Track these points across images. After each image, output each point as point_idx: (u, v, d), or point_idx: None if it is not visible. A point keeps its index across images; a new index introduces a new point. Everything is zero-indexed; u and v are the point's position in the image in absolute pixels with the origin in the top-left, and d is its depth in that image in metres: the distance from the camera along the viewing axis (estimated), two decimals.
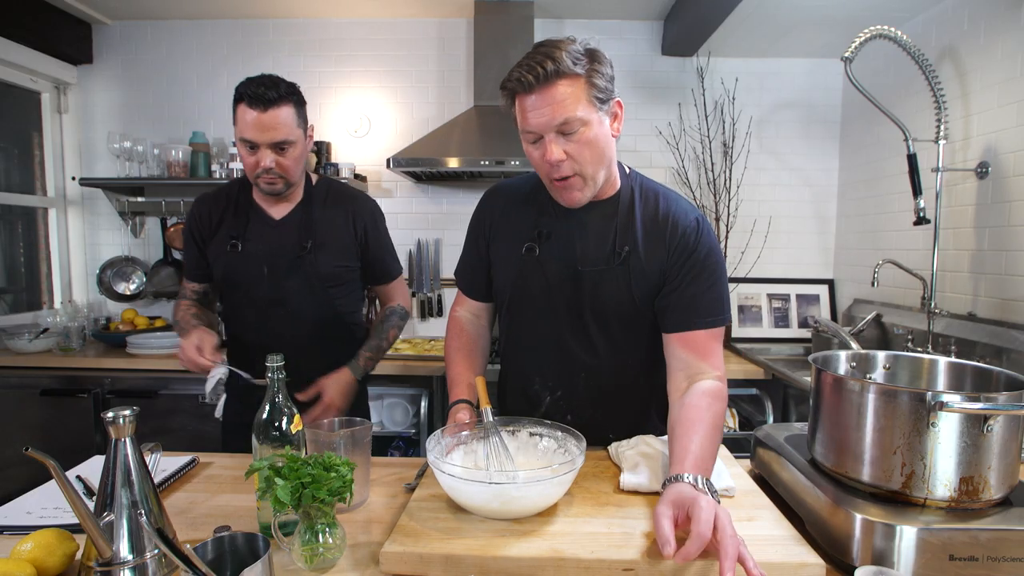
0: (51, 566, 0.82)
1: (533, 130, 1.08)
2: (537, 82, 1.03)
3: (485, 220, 1.33)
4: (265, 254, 1.58)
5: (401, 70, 3.01)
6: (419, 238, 3.04)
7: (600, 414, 1.29)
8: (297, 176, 1.56)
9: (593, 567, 0.84)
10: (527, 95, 1.06)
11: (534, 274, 1.23)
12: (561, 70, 1.03)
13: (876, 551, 0.82)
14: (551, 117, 1.05)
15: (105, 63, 3.04)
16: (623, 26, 2.96)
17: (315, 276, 1.59)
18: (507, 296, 1.28)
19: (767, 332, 2.95)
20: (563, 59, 1.03)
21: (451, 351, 1.35)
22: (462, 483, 0.93)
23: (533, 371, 1.30)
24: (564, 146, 1.08)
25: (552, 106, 1.04)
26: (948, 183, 2.16)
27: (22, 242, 3.03)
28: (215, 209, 1.63)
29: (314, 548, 0.86)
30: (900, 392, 0.87)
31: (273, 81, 1.46)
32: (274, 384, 0.98)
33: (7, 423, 2.48)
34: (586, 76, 1.05)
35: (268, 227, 1.60)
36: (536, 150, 1.11)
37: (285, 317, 1.59)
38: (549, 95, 1.04)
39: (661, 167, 2.99)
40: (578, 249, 1.21)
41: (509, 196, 1.32)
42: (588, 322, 1.23)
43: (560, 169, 1.09)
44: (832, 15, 2.39)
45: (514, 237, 1.26)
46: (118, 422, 0.78)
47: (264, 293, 1.59)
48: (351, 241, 1.64)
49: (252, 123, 1.44)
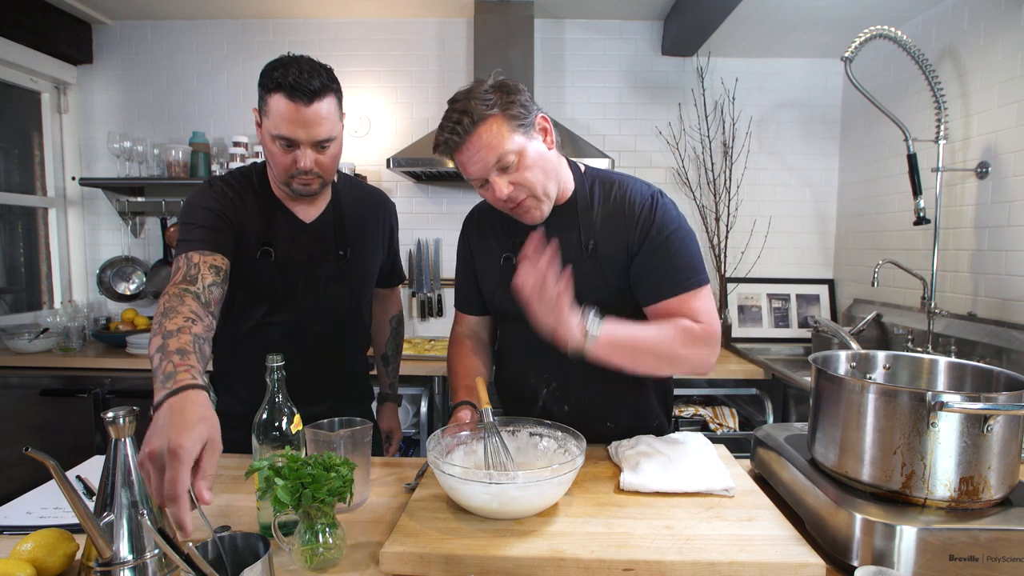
0: (51, 566, 0.82)
1: (476, 177, 1.16)
2: (460, 138, 1.12)
3: (468, 239, 1.43)
4: (302, 263, 1.37)
5: (401, 70, 3.01)
6: (419, 238, 3.04)
7: (597, 401, 1.33)
8: (334, 174, 1.35)
9: (593, 567, 0.84)
10: (458, 152, 1.14)
11: None
12: (475, 119, 1.10)
13: (876, 551, 0.82)
14: (485, 161, 1.13)
15: (105, 63, 3.04)
16: (623, 26, 2.96)
17: (355, 286, 1.44)
18: (494, 304, 1.37)
19: (767, 332, 2.96)
20: (475, 108, 1.10)
21: (453, 361, 1.40)
22: (462, 483, 0.93)
23: (527, 367, 1.35)
24: (508, 179, 1.15)
25: (481, 152, 1.12)
26: (948, 183, 2.16)
27: (22, 242, 3.03)
28: (243, 197, 1.34)
29: (314, 548, 0.86)
30: (900, 392, 0.87)
31: (313, 67, 1.22)
32: (274, 384, 0.98)
33: (7, 423, 2.48)
34: (501, 111, 1.12)
35: (299, 231, 1.38)
36: (486, 192, 1.19)
37: (308, 335, 1.40)
38: (475, 145, 1.12)
39: (661, 167, 2.99)
40: None
41: (482, 214, 1.42)
42: None
43: (512, 199, 1.17)
44: (832, 15, 2.39)
45: (492, 249, 1.35)
46: (118, 422, 0.78)
47: (295, 309, 1.38)
48: (380, 244, 1.52)
49: (293, 118, 1.20)
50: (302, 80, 1.19)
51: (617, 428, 1.33)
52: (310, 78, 1.20)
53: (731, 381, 2.50)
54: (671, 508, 0.99)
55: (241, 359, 1.40)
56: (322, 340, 1.42)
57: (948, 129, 2.06)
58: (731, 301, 2.97)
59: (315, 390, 1.41)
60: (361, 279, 1.47)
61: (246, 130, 2.98)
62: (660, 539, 0.89)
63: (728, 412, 2.48)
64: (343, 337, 1.48)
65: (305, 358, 1.33)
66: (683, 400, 2.55)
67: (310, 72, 1.20)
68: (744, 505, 1.01)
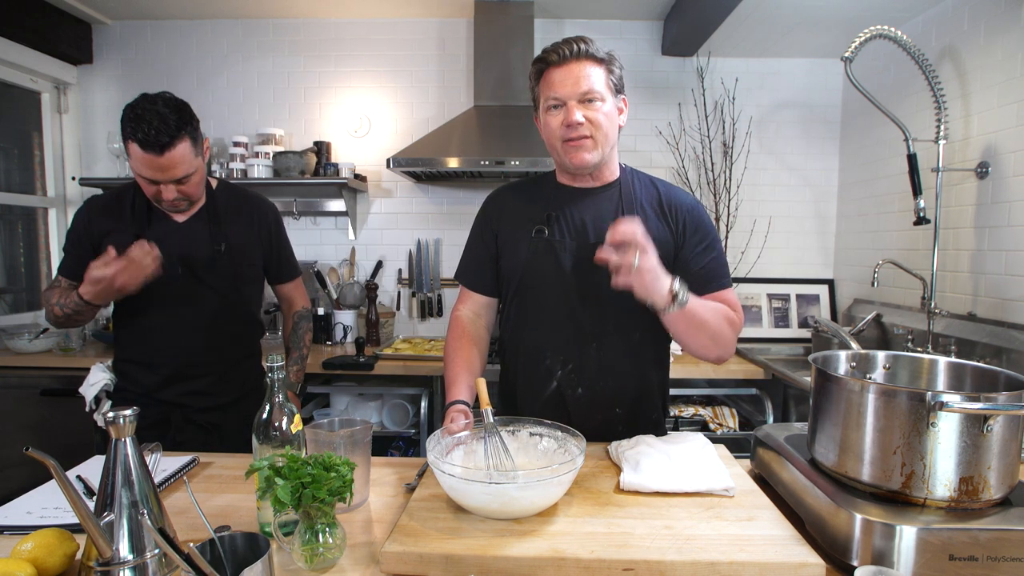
0: (51, 566, 0.82)
1: (559, 96, 1.24)
2: (570, 55, 1.23)
3: (492, 215, 1.44)
4: (179, 255, 1.57)
5: (401, 70, 3.01)
6: (419, 238, 3.04)
7: (610, 385, 1.35)
8: (200, 193, 1.59)
9: (593, 567, 0.84)
10: (557, 67, 1.24)
11: (546, 254, 1.33)
12: (590, 52, 1.23)
13: (876, 551, 0.82)
14: (577, 85, 1.22)
15: (105, 63, 3.04)
16: (623, 26, 2.96)
17: (232, 275, 1.64)
18: (518, 278, 1.37)
19: (767, 332, 2.95)
20: (592, 44, 1.24)
21: (451, 351, 1.39)
22: (462, 483, 0.93)
23: (544, 347, 1.35)
24: (583, 112, 1.23)
25: (579, 77, 1.22)
26: (948, 183, 2.16)
27: (22, 242, 3.03)
28: (112, 210, 1.60)
29: (314, 548, 0.86)
30: (900, 392, 0.87)
31: (162, 119, 1.39)
32: (274, 384, 0.98)
33: (7, 423, 2.47)
34: (607, 64, 1.25)
35: (173, 229, 1.60)
36: (555, 116, 1.26)
37: (192, 319, 1.61)
38: (577, 68, 1.23)
39: (661, 167, 2.99)
40: (590, 228, 1.32)
41: (513, 193, 1.45)
42: (601, 296, 1.29)
43: (578, 129, 1.24)
44: (832, 15, 2.39)
45: (522, 224, 1.37)
46: (118, 422, 0.78)
47: (176, 294, 1.58)
48: (256, 242, 1.71)
49: (150, 164, 1.42)
50: (151, 137, 1.38)
51: (623, 414, 1.35)
52: (158, 134, 1.38)
53: (731, 381, 2.50)
54: (671, 508, 0.99)
55: (136, 342, 1.65)
56: (205, 322, 1.63)
57: (948, 129, 2.06)
58: None
59: (195, 367, 1.65)
60: (239, 269, 1.67)
61: (246, 130, 2.98)
62: (660, 539, 0.89)
63: (728, 412, 2.48)
64: (225, 321, 1.67)
65: (190, 338, 1.62)
66: (683, 400, 2.55)
67: (159, 127, 1.38)
68: (744, 505, 1.01)
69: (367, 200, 3.07)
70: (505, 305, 1.42)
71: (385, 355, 2.55)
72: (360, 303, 2.96)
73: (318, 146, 2.90)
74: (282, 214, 1.86)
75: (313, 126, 3.04)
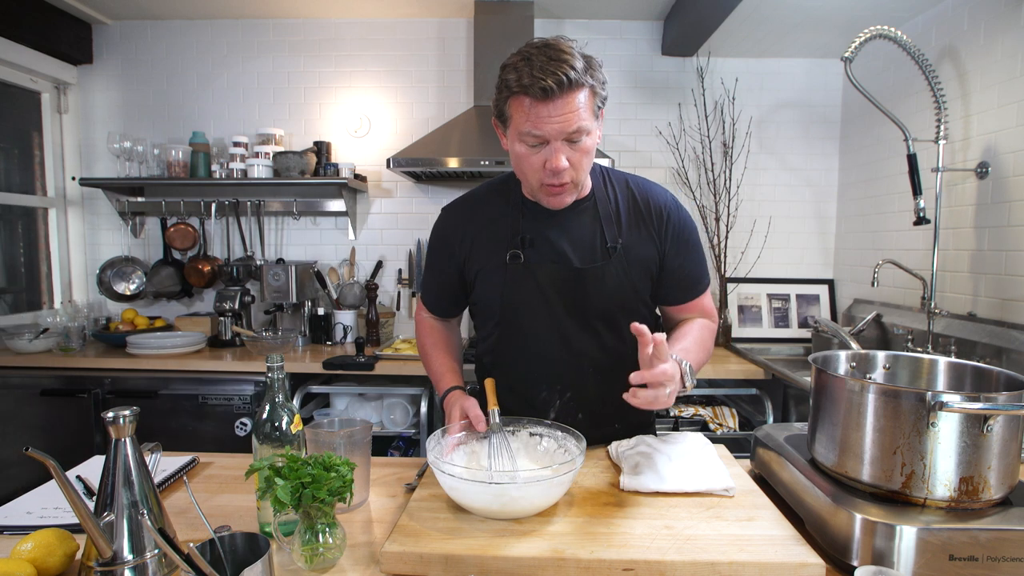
0: (51, 566, 0.82)
1: (543, 135, 1.06)
2: (559, 90, 1.01)
3: (452, 238, 1.28)
4: None
5: (401, 70, 3.01)
6: (419, 238, 3.04)
7: (610, 408, 1.27)
8: None
9: (593, 567, 0.84)
10: (544, 102, 1.03)
11: (525, 280, 1.22)
12: (579, 80, 1.03)
13: (876, 551, 0.82)
14: (565, 125, 1.04)
15: (105, 63, 3.04)
16: (623, 26, 2.96)
17: None
18: (498, 308, 1.25)
19: (767, 332, 2.95)
20: (577, 68, 1.02)
21: (426, 347, 1.36)
22: (462, 483, 0.93)
23: (539, 378, 1.27)
24: (567, 154, 1.08)
25: (567, 115, 1.03)
26: (948, 183, 2.16)
27: (22, 242, 3.03)
28: None
29: (314, 548, 0.86)
30: (900, 392, 0.87)
31: None
32: (274, 384, 0.98)
33: (7, 423, 2.47)
34: (592, 86, 1.06)
35: None
36: (535, 155, 1.09)
37: None
38: (567, 104, 1.03)
39: (661, 167, 2.99)
40: (568, 249, 1.21)
41: (474, 209, 1.29)
42: (592, 318, 1.24)
43: (560, 176, 1.09)
44: (832, 15, 2.39)
45: (493, 248, 1.24)
46: (118, 422, 0.78)
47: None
48: None
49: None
50: None
51: (623, 428, 1.32)
52: None
53: (731, 381, 2.50)
54: (671, 508, 0.99)
55: None
56: None
57: (948, 129, 2.06)
58: (731, 301, 2.97)
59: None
60: None
61: (246, 130, 2.98)
62: (660, 539, 0.89)
63: (728, 412, 2.48)
64: None
65: None
66: (683, 400, 2.55)
67: None
68: (744, 505, 1.01)
69: (367, 200, 3.07)
70: (483, 331, 1.32)
71: (385, 355, 2.55)
72: (360, 303, 2.97)
73: (318, 146, 2.90)
74: (282, 214, 1.85)
75: (313, 126, 3.04)
